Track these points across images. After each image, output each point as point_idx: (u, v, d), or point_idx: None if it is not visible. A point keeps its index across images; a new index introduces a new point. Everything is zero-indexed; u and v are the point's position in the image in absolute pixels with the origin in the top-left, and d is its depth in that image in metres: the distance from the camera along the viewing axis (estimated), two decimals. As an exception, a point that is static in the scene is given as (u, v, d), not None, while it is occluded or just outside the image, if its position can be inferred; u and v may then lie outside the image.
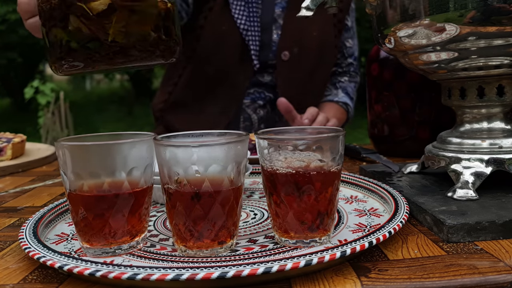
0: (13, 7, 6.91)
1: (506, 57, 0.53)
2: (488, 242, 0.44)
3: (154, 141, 0.42)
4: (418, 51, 0.56)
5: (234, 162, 0.41)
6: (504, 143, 0.55)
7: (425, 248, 0.44)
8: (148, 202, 0.45)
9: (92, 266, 0.37)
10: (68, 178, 0.43)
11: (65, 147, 0.42)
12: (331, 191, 0.43)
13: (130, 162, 0.43)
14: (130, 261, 0.42)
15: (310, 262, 0.36)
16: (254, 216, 0.55)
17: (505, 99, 0.56)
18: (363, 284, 0.36)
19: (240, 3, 1.11)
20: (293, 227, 0.43)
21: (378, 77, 0.91)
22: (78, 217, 0.43)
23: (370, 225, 0.50)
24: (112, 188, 0.42)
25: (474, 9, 0.49)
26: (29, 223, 0.48)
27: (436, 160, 0.59)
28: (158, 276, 0.34)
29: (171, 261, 0.41)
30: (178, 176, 0.41)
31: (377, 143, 0.94)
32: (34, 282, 0.39)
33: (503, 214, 0.46)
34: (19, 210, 0.62)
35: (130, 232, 0.44)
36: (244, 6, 1.11)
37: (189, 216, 0.41)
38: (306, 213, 0.42)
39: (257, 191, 0.67)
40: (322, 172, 0.43)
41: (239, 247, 0.45)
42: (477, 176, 0.54)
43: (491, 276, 0.37)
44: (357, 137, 5.21)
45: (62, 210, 0.55)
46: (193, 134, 0.46)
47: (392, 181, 0.63)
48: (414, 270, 0.39)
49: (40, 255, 0.39)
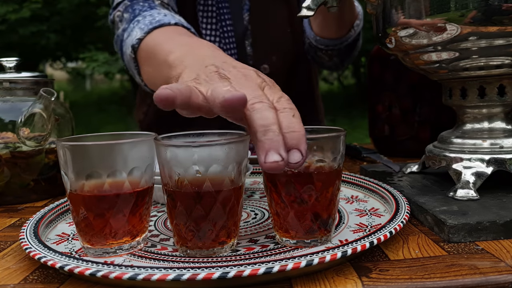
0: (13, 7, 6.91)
1: (507, 57, 0.53)
2: (489, 242, 0.44)
3: (155, 141, 0.42)
4: (419, 51, 0.56)
5: (235, 162, 0.41)
6: (505, 143, 0.55)
7: (426, 248, 0.44)
8: (149, 202, 0.45)
9: (93, 266, 0.37)
10: (68, 178, 0.43)
11: (66, 147, 0.42)
12: (332, 191, 0.43)
13: (131, 162, 0.43)
14: (131, 261, 0.42)
15: (311, 262, 0.36)
16: (255, 216, 0.55)
17: (506, 99, 0.56)
18: (364, 284, 0.36)
19: (210, 20, 0.99)
20: (293, 227, 0.43)
21: (379, 77, 0.91)
22: (79, 217, 0.43)
23: (371, 225, 0.50)
24: (113, 188, 0.42)
25: (475, 9, 0.49)
26: (29, 223, 0.48)
27: (437, 160, 0.59)
28: (159, 276, 0.34)
29: (172, 261, 0.41)
30: (179, 176, 0.41)
31: (378, 143, 0.94)
32: (35, 282, 0.39)
33: (504, 214, 0.46)
34: (20, 210, 0.62)
35: (131, 232, 0.44)
36: (216, 25, 0.99)
37: (190, 216, 0.41)
38: (307, 213, 0.42)
39: (258, 191, 0.67)
40: (323, 172, 0.43)
41: (240, 247, 0.45)
42: (478, 176, 0.54)
43: (492, 276, 0.37)
44: (357, 137, 5.21)
45: (63, 210, 0.55)
46: (194, 134, 0.46)
47: (393, 181, 0.63)
48: (415, 270, 0.39)
49: (41, 255, 0.39)
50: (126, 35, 0.76)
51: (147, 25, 0.72)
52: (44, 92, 0.61)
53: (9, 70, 0.69)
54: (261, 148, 0.37)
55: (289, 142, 0.38)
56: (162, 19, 0.72)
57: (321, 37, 0.94)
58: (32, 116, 0.61)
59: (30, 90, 0.69)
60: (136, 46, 0.71)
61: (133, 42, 0.71)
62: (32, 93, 0.69)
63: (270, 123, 0.38)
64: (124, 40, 0.77)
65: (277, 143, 0.37)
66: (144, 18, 0.74)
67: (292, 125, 0.39)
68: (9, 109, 0.67)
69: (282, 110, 0.40)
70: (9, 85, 0.68)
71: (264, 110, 0.39)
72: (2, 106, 0.67)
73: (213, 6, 0.98)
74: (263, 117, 0.38)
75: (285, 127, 0.38)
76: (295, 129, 0.38)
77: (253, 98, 0.40)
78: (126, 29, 0.77)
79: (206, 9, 0.99)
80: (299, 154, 0.38)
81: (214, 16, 0.99)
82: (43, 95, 0.61)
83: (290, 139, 0.38)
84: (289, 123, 0.39)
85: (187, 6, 0.98)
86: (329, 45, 0.95)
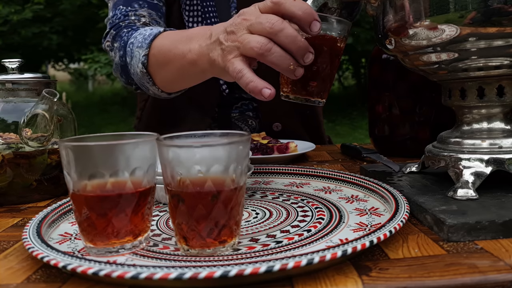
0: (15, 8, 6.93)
1: (506, 57, 0.53)
2: (488, 242, 0.45)
3: (157, 141, 0.43)
4: (419, 52, 0.57)
5: (236, 162, 0.42)
6: (504, 143, 0.56)
7: (425, 247, 0.44)
8: (151, 201, 0.46)
9: (95, 265, 0.37)
10: (71, 178, 0.43)
11: (69, 147, 0.42)
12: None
13: (133, 162, 0.43)
14: (133, 260, 0.42)
15: (312, 261, 0.36)
16: (256, 215, 0.55)
17: (505, 100, 0.56)
18: (364, 283, 0.37)
19: (196, 19, 1.01)
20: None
21: (379, 77, 0.92)
22: (82, 216, 0.43)
23: (371, 224, 0.50)
24: (115, 188, 0.42)
25: (475, 10, 0.49)
26: (32, 223, 0.48)
27: (436, 160, 0.60)
28: (161, 275, 0.35)
29: (174, 260, 0.42)
30: (181, 176, 0.41)
31: (378, 143, 0.95)
32: (37, 281, 0.40)
33: (503, 213, 0.47)
34: (23, 210, 0.63)
35: (133, 231, 0.44)
36: (201, 23, 1.01)
37: (191, 216, 0.41)
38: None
39: (259, 190, 0.67)
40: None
41: (241, 246, 0.45)
42: (477, 176, 0.54)
43: (491, 275, 0.38)
44: (357, 137, 5.21)
45: (66, 210, 0.56)
46: (196, 135, 0.47)
47: (393, 180, 0.63)
48: (415, 269, 0.39)
49: (43, 254, 0.40)
50: (128, 59, 0.79)
51: (142, 42, 0.75)
52: (46, 93, 0.62)
53: (12, 71, 0.70)
54: (297, 56, 0.52)
55: (307, 18, 0.51)
56: (151, 32, 0.76)
57: None
58: (35, 117, 0.62)
59: (32, 91, 0.69)
60: (146, 62, 0.74)
61: (141, 59, 0.74)
62: (34, 94, 0.69)
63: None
64: (128, 64, 0.80)
65: (306, 47, 0.52)
66: (136, 39, 0.78)
67: (300, 6, 0.51)
68: (11, 110, 0.67)
69: (284, 1, 0.51)
70: (11, 86, 0.68)
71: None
72: (4, 107, 0.67)
73: (197, 5, 1.00)
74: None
75: (297, 10, 0.51)
76: (305, 7, 0.51)
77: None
78: (124, 55, 0.81)
79: (191, 9, 1.01)
80: (318, 22, 0.52)
81: (199, 15, 1.00)
82: (45, 96, 0.62)
83: (307, 16, 0.51)
84: (298, 6, 0.51)
85: (173, 8, 1.00)
86: None
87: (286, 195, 0.64)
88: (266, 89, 0.51)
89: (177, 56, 0.66)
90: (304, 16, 0.51)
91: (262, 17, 0.52)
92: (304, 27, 0.52)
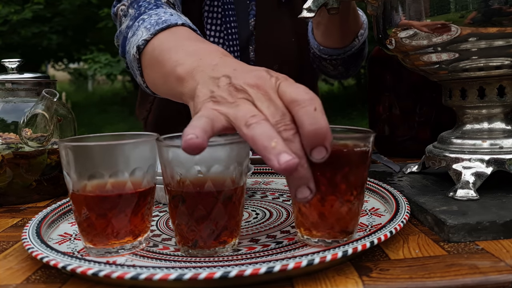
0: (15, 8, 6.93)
1: (506, 58, 0.53)
2: (489, 242, 0.45)
3: (157, 141, 0.43)
4: (419, 52, 0.56)
5: (236, 163, 0.42)
6: (504, 143, 0.56)
7: (426, 248, 0.44)
8: (151, 202, 0.46)
9: (95, 266, 0.37)
10: (71, 178, 0.43)
11: (68, 147, 0.42)
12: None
13: (133, 162, 0.43)
14: (133, 260, 0.42)
15: (312, 262, 0.36)
16: (256, 216, 0.55)
17: (506, 100, 0.56)
18: (365, 283, 0.37)
19: (216, 22, 0.98)
20: (318, 227, 0.43)
21: (379, 78, 0.91)
22: (81, 217, 0.43)
23: (372, 224, 0.50)
24: (115, 188, 0.42)
25: (475, 10, 0.49)
26: (32, 223, 0.48)
27: (436, 160, 0.59)
28: (161, 276, 0.35)
29: (174, 260, 0.42)
30: (181, 176, 0.41)
31: (378, 144, 0.94)
32: (37, 282, 0.39)
33: (503, 214, 0.47)
34: (22, 211, 0.63)
35: (133, 232, 0.44)
36: (221, 26, 0.98)
37: (191, 216, 0.41)
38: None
39: (259, 191, 0.67)
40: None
41: (241, 246, 0.45)
42: (478, 176, 0.54)
43: (492, 276, 0.37)
44: (358, 137, 5.19)
45: (65, 210, 0.56)
46: None
47: (393, 181, 0.63)
48: (415, 270, 0.39)
49: (43, 255, 0.40)
50: (130, 33, 0.74)
51: (153, 25, 0.69)
52: (46, 93, 0.62)
53: (11, 71, 0.70)
54: (290, 184, 0.39)
55: (314, 141, 0.37)
56: (169, 18, 0.69)
57: (324, 47, 0.93)
58: (34, 117, 0.62)
59: (32, 91, 0.69)
60: (142, 48, 0.68)
61: (139, 43, 0.68)
62: (34, 94, 0.69)
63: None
64: (128, 39, 0.74)
65: (306, 179, 0.38)
66: (150, 17, 0.71)
67: (315, 120, 0.37)
68: (11, 110, 0.67)
69: (303, 105, 0.38)
70: (11, 86, 0.68)
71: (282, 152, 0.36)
72: (4, 107, 0.67)
73: (219, 7, 0.97)
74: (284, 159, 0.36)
75: (308, 124, 0.37)
76: (318, 125, 0.37)
77: (273, 119, 0.39)
78: (130, 27, 0.75)
79: (212, 10, 0.98)
80: (324, 150, 0.38)
81: (219, 18, 0.98)
82: (45, 96, 0.62)
83: (315, 138, 0.37)
84: (312, 119, 0.37)
85: (193, 6, 0.97)
86: (332, 55, 0.94)
87: (286, 196, 0.64)
88: (190, 139, 0.36)
89: (169, 61, 0.58)
90: (313, 135, 0.38)
91: (274, 106, 0.40)
92: (306, 147, 0.38)
